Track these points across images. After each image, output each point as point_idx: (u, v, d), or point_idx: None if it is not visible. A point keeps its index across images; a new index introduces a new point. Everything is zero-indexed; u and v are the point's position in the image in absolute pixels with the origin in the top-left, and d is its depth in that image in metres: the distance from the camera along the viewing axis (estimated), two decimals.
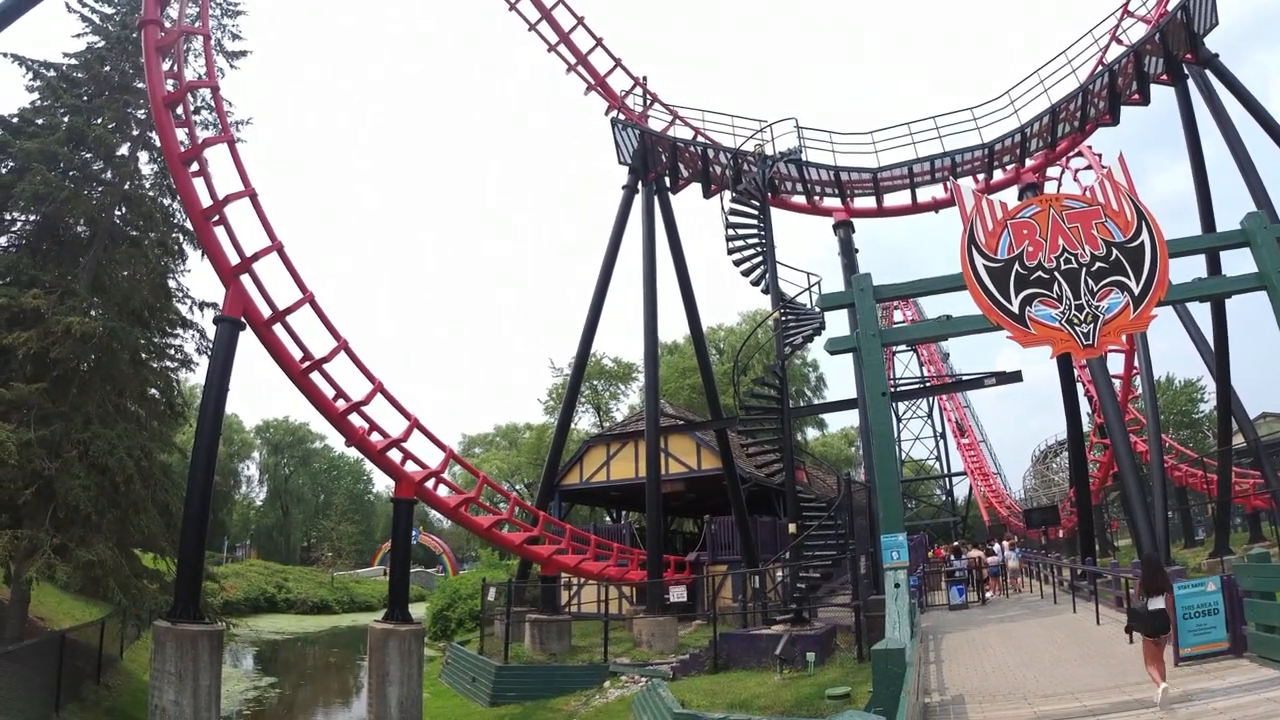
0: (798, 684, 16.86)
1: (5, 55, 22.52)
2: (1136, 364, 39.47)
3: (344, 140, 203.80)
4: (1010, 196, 26.79)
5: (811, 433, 72.76)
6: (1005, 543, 35.96)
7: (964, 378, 41.96)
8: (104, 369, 20.85)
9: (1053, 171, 33.28)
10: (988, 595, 27.28)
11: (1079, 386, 35.42)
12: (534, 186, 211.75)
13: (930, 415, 67.17)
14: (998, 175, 28.91)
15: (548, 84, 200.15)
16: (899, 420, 64.87)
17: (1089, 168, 34.89)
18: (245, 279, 20.12)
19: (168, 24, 21.52)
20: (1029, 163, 28.61)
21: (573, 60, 31.73)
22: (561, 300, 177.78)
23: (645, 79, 32.24)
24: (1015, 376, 23.42)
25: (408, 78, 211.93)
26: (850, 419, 77.57)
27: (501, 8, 31.14)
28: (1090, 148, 33.25)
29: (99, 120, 22.74)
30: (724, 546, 31.98)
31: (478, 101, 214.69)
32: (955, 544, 36.64)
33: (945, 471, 65.29)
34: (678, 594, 25.44)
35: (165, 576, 22.00)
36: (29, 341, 18.34)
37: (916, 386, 53.01)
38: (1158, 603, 10.28)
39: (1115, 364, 40.48)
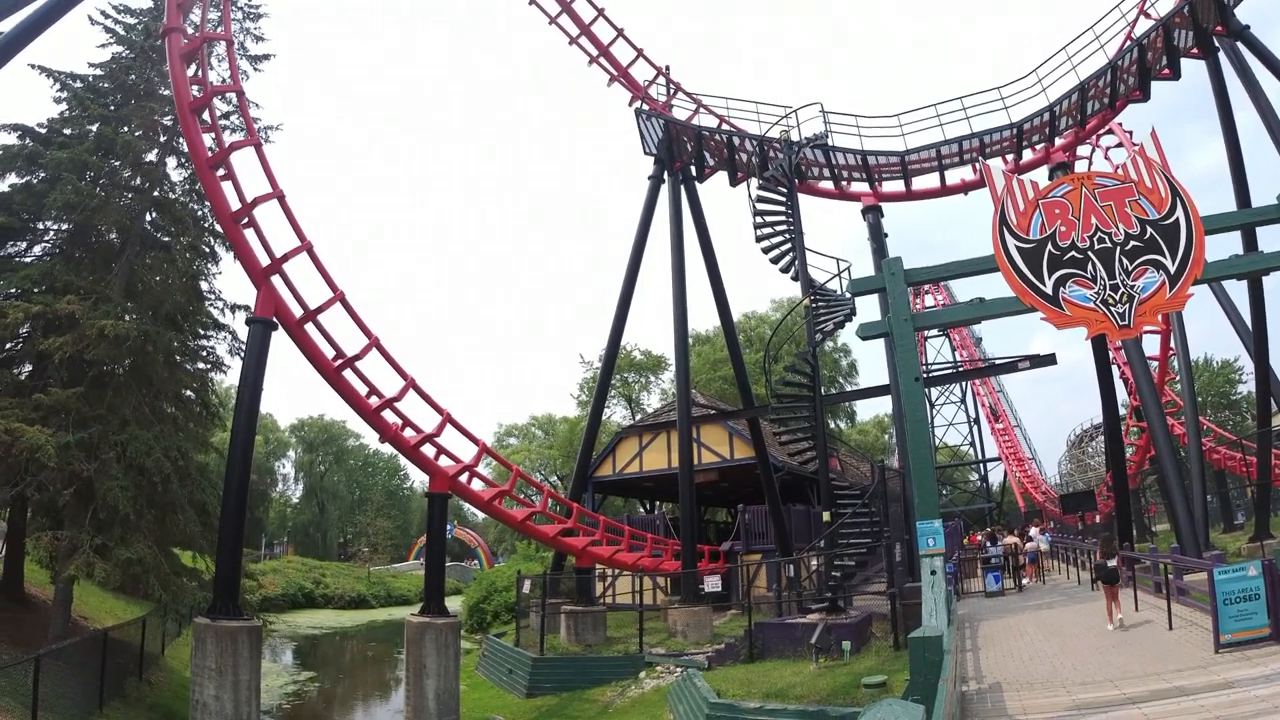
0: (834, 673, 16.79)
1: (32, 68, 22.87)
2: (1173, 344, 38.79)
3: (364, 135, 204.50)
4: (1040, 176, 26.43)
5: (845, 424, 72.30)
6: (1036, 527, 35.61)
7: (997, 361, 41.61)
8: (139, 372, 21.16)
9: (1083, 150, 32.85)
10: (1024, 582, 27.00)
11: (1114, 368, 34.94)
12: (564, 177, 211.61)
13: (963, 400, 66.55)
14: (1027, 155, 28.51)
15: (571, 74, 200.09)
16: (932, 406, 64.24)
17: (1120, 145, 34.42)
18: (276, 280, 20.26)
19: (190, 30, 21.70)
20: (1059, 142, 28.19)
21: (594, 52, 31.63)
22: (593, 290, 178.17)
23: (668, 68, 32.08)
24: (1049, 359, 23.15)
25: (421, 69, 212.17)
26: (883, 405, 76.97)
27: (526, 20, 31.19)
28: (1120, 125, 32.80)
29: (126, 128, 23.02)
30: (758, 535, 31.91)
31: (498, 96, 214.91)
32: (990, 530, 36.32)
33: (979, 457, 64.72)
34: (712, 584, 25.43)
35: (204, 574, 22.34)
36: (64, 346, 18.63)
37: (949, 371, 52.70)
38: (1112, 562, 16.31)
39: (1151, 345, 39.87)
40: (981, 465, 64.31)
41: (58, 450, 17.32)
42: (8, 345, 19.96)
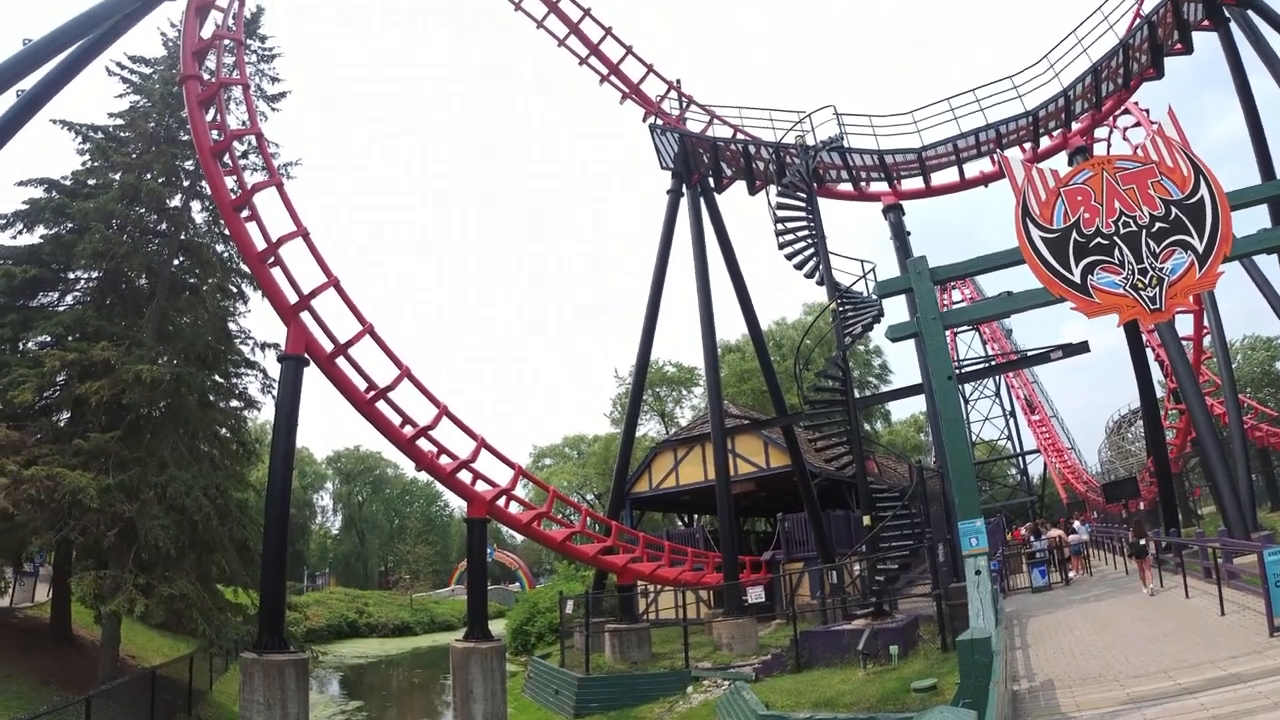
0: (882, 678, 16.62)
1: (54, 122, 23.28)
2: (1206, 323, 38.24)
3: (364, 135, 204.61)
4: (1059, 163, 26.20)
5: (881, 425, 71.70)
6: (1078, 519, 35.13)
7: (1029, 353, 41.02)
8: (174, 413, 21.45)
9: (1100, 133, 32.52)
10: (1070, 575, 26.60)
11: (1149, 352, 34.50)
12: (564, 177, 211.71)
13: (998, 394, 65.57)
14: (1045, 142, 28.30)
15: (571, 74, 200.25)
16: (966, 402, 63.38)
17: (1138, 125, 34.06)
18: (305, 316, 20.50)
19: (207, 76, 22.05)
20: (1075, 126, 27.95)
21: (604, 71, 31.69)
22: (594, 290, 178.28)
23: (679, 82, 32.16)
24: (1082, 348, 22.89)
25: (421, 69, 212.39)
26: (918, 404, 76.15)
27: (528, 25, 31.28)
28: (1137, 104, 32.47)
29: (149, 175, 23.38)
30: (798, 543, 31.73)
31: (498, 96, 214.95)
32: (1033, 523, 35.87)
33: (1017, 450, 63.84)
34: (755, 594, 25.28)
35: (248, 609, 22.51)
36: (100, 390, 18.92)
37: (981, 366, 52.07)
38: (1141, 541, 19.60)
39: (1185, 325, 39.25)
40: (1020, 459, 63.43)
41: (99, 493, 17.61)
42: (46, 393, 20.26)
